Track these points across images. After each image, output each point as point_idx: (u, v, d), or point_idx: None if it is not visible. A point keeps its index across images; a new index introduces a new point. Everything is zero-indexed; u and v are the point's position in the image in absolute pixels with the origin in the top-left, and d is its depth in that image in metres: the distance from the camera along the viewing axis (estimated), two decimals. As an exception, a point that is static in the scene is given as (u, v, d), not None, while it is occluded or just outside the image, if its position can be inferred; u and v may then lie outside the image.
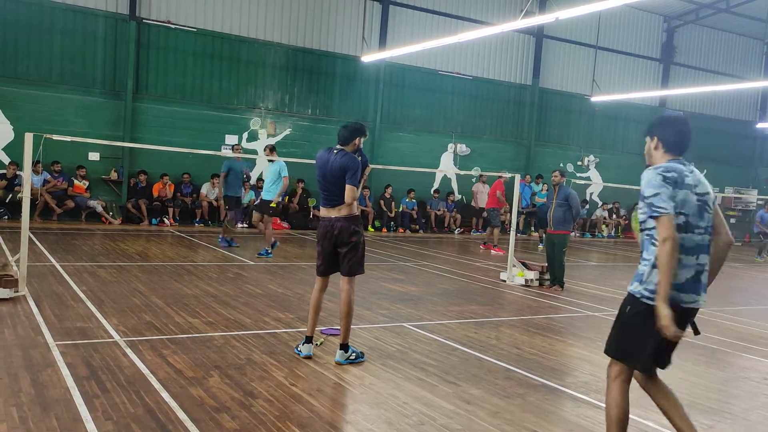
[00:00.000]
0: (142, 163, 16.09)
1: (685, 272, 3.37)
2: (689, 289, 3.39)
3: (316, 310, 5.52)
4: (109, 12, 15.60)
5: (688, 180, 3.41)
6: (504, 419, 4.38)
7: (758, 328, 8.26)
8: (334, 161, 5.41)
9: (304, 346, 5.45)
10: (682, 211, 3.37)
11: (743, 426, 4.63)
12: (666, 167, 3.43)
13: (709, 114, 26.09)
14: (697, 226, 3.40)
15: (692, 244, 3.39)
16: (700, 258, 3.42)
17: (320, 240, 5.50)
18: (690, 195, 3.40)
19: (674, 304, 3.30)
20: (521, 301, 9.06)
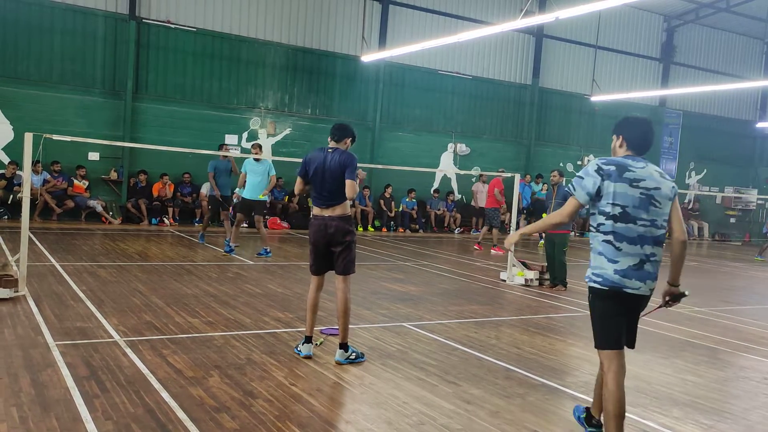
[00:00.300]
0: (142, 162, 16.09)
1: (627, 260, 3.62)
2: (632, 276, 3.62)
3: (313, 310, 5.53)
4: (109, 12, 15.60)
5: (629, 175, 3.63)
6: (504, 419, 4.38)
7: (758, 328, 8.25)
8: (332, 159, 5.43)
9: (304, 346, 5.45)
10: (621, 203, 3.62)
11: (743, 426, 4.63)
12: (607, 160, 3.70)
13: (708, 113, 26.10)
14: (639, 217, 3.63)
15: (634, 234, 3.63)
16: (645, 248, 3.64)
17: (313, 239, 5.50)
18: (629, 188, 3.62)
19: (618, 288, 3.62)
20: (521, 301, 9.06)
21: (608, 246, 3.65)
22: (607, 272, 3.64)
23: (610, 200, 3.63)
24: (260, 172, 11.31)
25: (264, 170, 11.36)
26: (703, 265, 16.07)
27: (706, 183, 26.39)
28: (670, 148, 25.35)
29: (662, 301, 3.97)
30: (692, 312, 9.01)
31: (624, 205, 3.62)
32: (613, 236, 3.64)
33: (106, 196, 15.69)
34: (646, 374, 5.73)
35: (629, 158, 3.73)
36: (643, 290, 3.66)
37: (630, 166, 3.66)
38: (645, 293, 3.68)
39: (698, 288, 11.91)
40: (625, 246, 3.62)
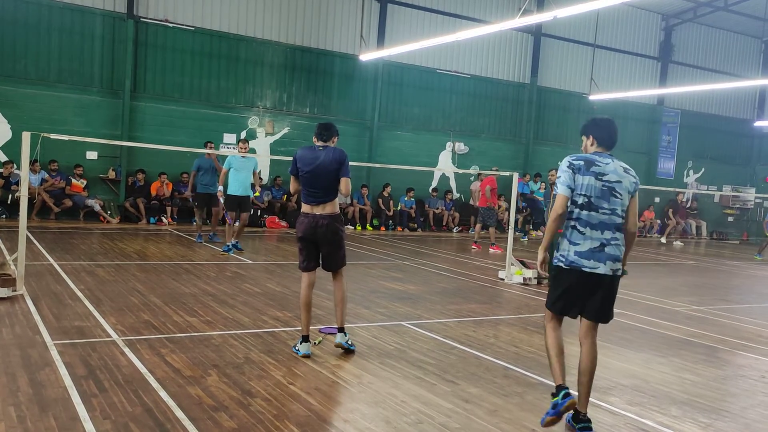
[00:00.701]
0: (140, 162, 16.07)
1: (588, 243, 4.14)
2: (591, 257, 4.13)
3: (308, 308, 5.53)
4: (107, 11, 15.58)
5: (595, 169, 4.15)
6: (502, 418, 4.38)
7: (757, 327, 8.26)
8: (326, 157, 5.51)
9: (302, 345, 5.45)
10: (584, 193, 4.13)
11: (741, 424, 4.63)
12: (577, 156, 4.23)
13: (706, 112, 26.12)
14: (601, 206, 4.14)
15: (596, 221, 4.15)
16: (606, 233, 4.15)
17: (303, 235, 5.54)
18: (594, 180, 4.13)
19: (576, 267, 4.15)
20: (520, 300, 9.06)
21: (573, 231, 4.18)
22: (568, 253, 4.18)
23: (579, 191, 4.14)
24: (247, 168, 11.31)
25: (251, 166, 11.38)
26: (702, 263, 16.09)
27: (704, 182, 26.42)
28: (668, 147, 25.37)
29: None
30: (690, 311, 9.03)
31: (589, 195, 4.13)
32: (578, 222, 4.16)
33: (104, 196, 15.68)
34: (644, 373, 5.73)
35: (597, 155, 4.23)
36: (603, 269, 4.13)
37: (597, 161, 4.17)
38: (605, 272, 4.14)
39: (696, 287, 11.92)
40: (588, 231, 4.14)
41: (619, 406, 4.79)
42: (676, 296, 10.22)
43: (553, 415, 4.11)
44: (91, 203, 15.13)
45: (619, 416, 4.62)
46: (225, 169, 11.31)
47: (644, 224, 23.61)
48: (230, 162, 11.27)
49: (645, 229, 23.58)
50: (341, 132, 6.14)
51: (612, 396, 5.02)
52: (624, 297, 9.62)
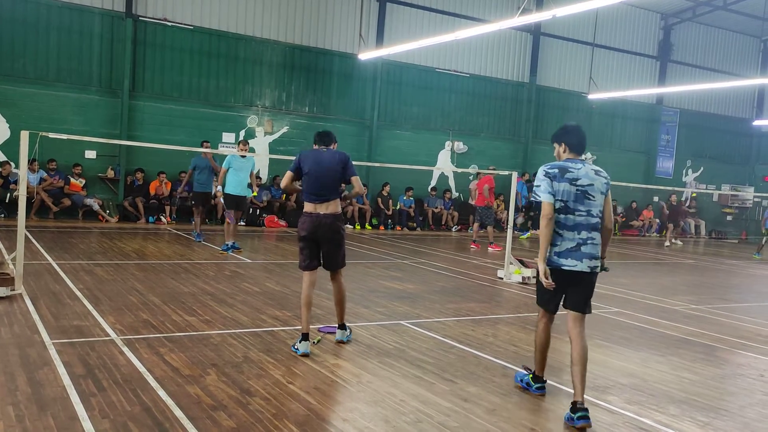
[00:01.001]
0: (139, 161, 16.06)
1: (566, 243, 4.47)
2: (569, 256, 4.46)
3: (309, 307, 5.57)
4: (105, 9, 15.56)
5: (569, 175, 4.47)
6: (501, 417, 4.39)
7: (755, 326, 8.27)
8: (331, 157, 5.62)
9: (301, 344, 5.45)
10: (561, 198, 4.45)
11: (740, 423, 4.64)
12: (552, 165, 4.55)
13: (705, 111, 26.14)
14: (576, 209, 4.46)
15: (573, 222, 4.47)
16: (581, 233, 4.46)
17: (305, 235, 5.63)
18: (568, 186, 4.45)
19: (556, 266, 4.47)
20: (518, 299, 9.07)
21: (553, 233, 4.48)
22: (550, 254, 4.50)
23: (556, 197, 4.46)
24: (246, 169, 11.36)
25: (249, 167, 11.42)
26: (700, 262, 16.10)
27: (703, 181, 26.44)
28: (667, 146, 25.39)
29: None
30: (689, 310, 9.03)
31: (565, 200, 4.45)
32: (556, 225, 4.47)
33: (103, 195, 15.66)
34: (642, 372, 5.74)
35: (569, 161, 4.58)
36: (580, 267, 4.47)
37: (570, 168, 4.50)
38: (583, 269, 4.47)
39: (695, 286, 11.93)
40: (565, 233, 4.46)
41: (618, 405, 4.80)
42: (675, 295, 10.23)
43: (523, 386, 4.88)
44: (90, 202, 15.11)
45: (618, 415, 4.62)
46: (224, 168, 11.32)
47: (643, 223, 23.63)
48: (230, 161, 11.29)
49: (644, 229, 23.60)
50: (340, 131, 6.25)
51: (611, 395, 5.02)
52: (623, 296, 9.63)
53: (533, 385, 4.86)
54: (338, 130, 18.56)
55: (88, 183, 15.47)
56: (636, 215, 23.59)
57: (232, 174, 11.26)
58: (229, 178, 11.29)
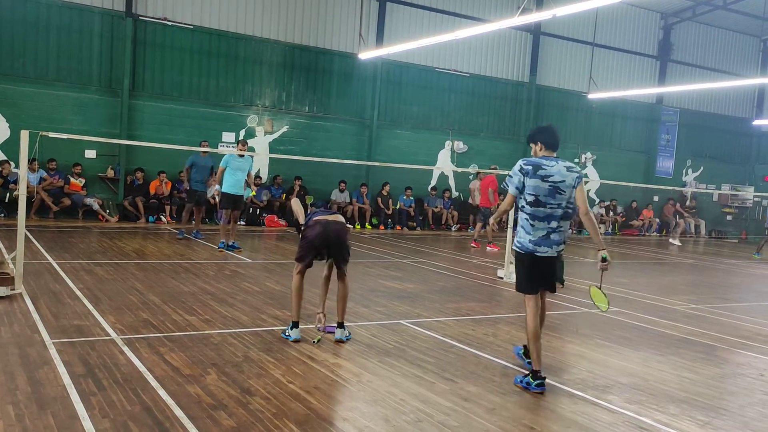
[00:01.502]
0: (139, 160, 16.05)
1: (538, 232, 5.00)
2: (542, 244, 5.02)
3: (301, 294, 5.86)
4: (105, 9, 15.55)
5: (542, 172, 4.92)
6: (501, 416, 4.39)
7: (755, 325, 8.28)
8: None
9: (293, 331, 5.73)
10: (533, 193, 4.93)
11: (739, 422, 4.64)
12: (527, 161, 5.00)
13: (705, 111, 26.13)
14: (548, 203, 4.95)
15: (543, 214, 4.97)
16: (551, 223, 5.00)
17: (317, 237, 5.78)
18: (540, 182, 4.91)
19: (531, 252, 5.03)
20: (518, 298, 9.02)
21: (527, 222, 5.02)
22: (524, 241, 5.05)
23: (528, 191, 4.94)
24: (244, 168, 11.37)
25: (247, 166, 11.45)
26: (700, 262, 16.10)
27: (703, 180, 26.43)
28: (667, 146, 25.39)
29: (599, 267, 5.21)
30: (689, 309, 9.04)
31: (536, 194, 4.94)
32: (530, 216, 4.99)
33: (102, 194, 15.66)
34: (642, 371, 5.74)
35: (544, 158, 5.02)
36: (550, 253, 5.06)
37: (543, 165, 4.95)
38: (552, 255, 5.07)
39: (695, 285, 11.93)
40: (537, 223, 4.99)
41: (618, 405, 4.80)
42: (675, 295, 10.23)
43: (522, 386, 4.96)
44: (90, 202, 15.11)
45: (618, 414, 4.62)
46: (221, 167, 11.34)
47: (643, 223, 23.63)
48: (227, 161, 11.32)
49: (644, 228, 23.60)
50: (340, 131, 6.33)
51: (611, 394, 5.02)
52: (623, 295, 9.63)
53: (533, 383, 4.93)
54: (338, 130, 18.89)
55: (88, 182, 15.47)
56: (636, 215, 23.59)
57: (229, 173, 11.28)
58: (227, 178, 11.32)
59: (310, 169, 17.55)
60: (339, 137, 18.51)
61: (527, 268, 5.10)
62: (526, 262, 5.09)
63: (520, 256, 5.13)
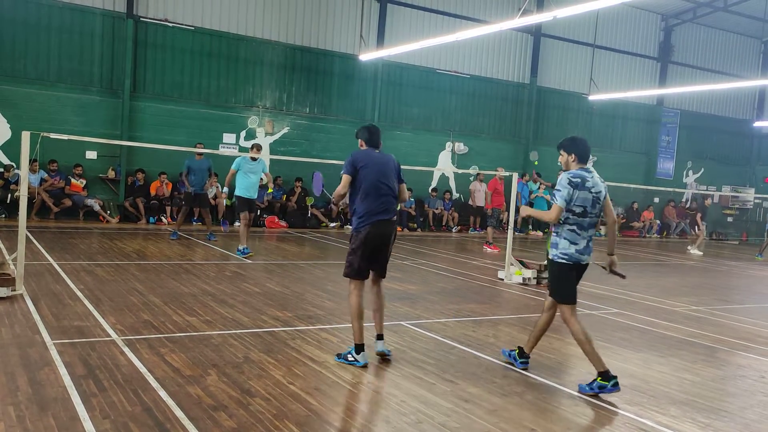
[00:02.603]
0: (140, 161, 16.06)
1: (583, 242, 5.18)
2: (585, 252, 5.21)
3: (363, 315, 5.40)
4: (106, 10, 15.57)
5: (588, 184, 5.13)
6: (501, 417, 4.39)
7: (756, 327, 8.27)
8: (389, 160, 5.61)
9: (361, 356, 5.25)
10: (582, 205, 5.12)
11: (740, 424, 4.64)
12: (574, 174, 5.16)
13: (706, 113, 26.13)
14: (590, 212, 5.17)
15: (587, 224, 5.20)
16: (590, 231, 5.22)
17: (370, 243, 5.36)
18: (587, 194, 5.13)
19: (577, 261, 5.19)
20: (519, 300, 9.06)
21: (572, 233, 5.16)
22: (571, 252, 5.16)
23: (577, 203, 5.11)
24: (257, 171, 11.35)
25: (260, 169, 11.42)
26: (701, 264, 16.09)
27: (704, 182, 26.42)
28: (668, 147, 25.38)
29: (608, 268, 5.41)
30: (690, 311, 9.03)
31: (584, 206, 5.14)
32: (577, 226, 5.15)
33: (103, 195, 15.67)
34: (643, 373, 5.74)
35: (584, 171, 5.20)
36: (588, 261, 5.28)
37: (587, 178, 5.15)
38: (589, 262, 5.30)
39: (696, 287, 11.92)
40: (582, 233, 5.18)
41: (619, 406, 4.80)
42: (676, 296, 10.23)
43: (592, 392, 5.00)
44: (91, 203, 15.11)
45: (619, 416, 4.62)
46: (233, 170, 11.23)
47: (644, 224, 23.61)
48: (239, 164, 11.16)
49: (644, 229, 23.58)
50: (340, 132, 6.22)
51: (611, 395, 5.02)
52: (623, 297, 9.63)
53: (607, 384, 4.95)
54: (339, 131, 18.87)
55: (89, 183, 15.48)
56: (637, 216, 23.58)
57: (242, 177, 11.18)
58: (240, 181, 11.18)
59: (311, 171, 17.48)
60: (339, 138, 18.50)
61: (571, 278, 5.22)
62: (570, 272, 5.20)
63: (566, 266, 5.18)
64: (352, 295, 5.43)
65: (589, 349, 5.05)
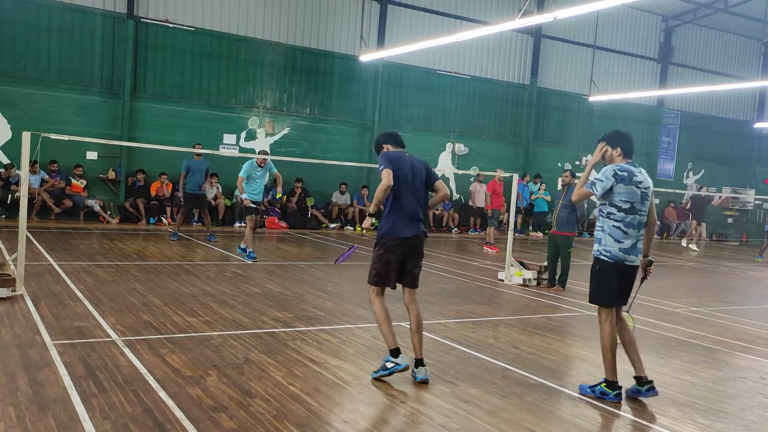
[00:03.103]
0: (140, 162, 16.07)
1: (630, 240, 4.88)
2: (631, 253, 4.91)
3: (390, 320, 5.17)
4: (107, 11, 15.58)
5: (636, 178, 4.88)
6: (501, 418, 4.39)
7: (756, 328, 8.27)
8: (419, 163, 5.13)
9: (400, 358, 4.96)
10: (629, 200, 4.84)
11: (740, 425, 4.64)
12: (621, 167, 4.90)
13: (706, 114, 26.13)
14: (640, 210, 4.89)
15: (637, 222, 4.89)
16: (640, 231, 4.93)
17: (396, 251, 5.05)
18: (635, 189, 4.86)
19: (621, 261, 4.87)
20: (519, 301, 9.06)
21: (617, 230, 4.86)
22: (613, 249, 4.86)
23: (623, 198, 4.83)
24: (263, 175, 11.34)
25: (265, 172, 11.39)
26: (701, 265, 16.08)
27: (704, 183, 26.42)
28: (668, 148, 25.38)
29: (644, 272, 5.17)
30: (690, 312, 9.03)
31: (632, 201, 4.85)
32: (623, 224, 4.85)
33: (104, 196, 15.67)
34: (643, 374, 5.73)
35: (630, 165, 4.95)
36: (636, 262, 4.97)
37: (634, 172, 4.89)
38: (637, 264, 5.00)
39: (696, 288, 11.92)
40: (630, 231, 4.87)
41: (619, 408, 4.79)
42: (675, 297, 10.22)
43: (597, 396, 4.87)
44: (91, 203, 15.12)
45: (619, 417, 4.62)
46: (242, 177, 11.13)
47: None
48: (248, 171, 11.07)
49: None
50: (341, 132, 6.12)
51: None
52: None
53: (610, 392, 4.86)
54: (339, 132, 18.88)
55: (89, 184, 15.48)
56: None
57: (250, 182, 11.15)
58: (248, 186, 11.16)
59: (311, 171, 17.57)
60: (340, 139, 18.51)
61: (611, 278, 4.90)
62: (612, 271, 4.89)
63: (606, 265, 4.89)
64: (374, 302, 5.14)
65: (609, 357, 4.88)
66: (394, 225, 5.05)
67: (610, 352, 4.89)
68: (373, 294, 5.15)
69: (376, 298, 5.12)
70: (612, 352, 4.89)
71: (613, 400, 4.84)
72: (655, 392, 4.88)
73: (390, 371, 4.87)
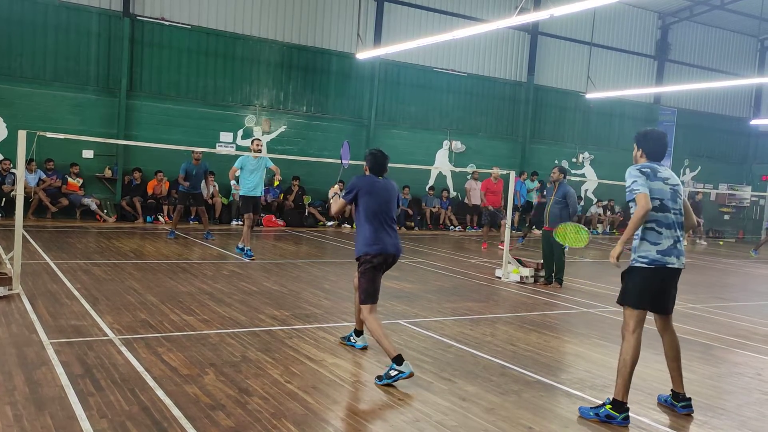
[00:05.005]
0: (137, 160, 16.03)
1: (666, 241, 4.48)
2: (671, 254, 4.49)
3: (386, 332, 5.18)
4: (103, 9, 15.53)
5: (660, 174, 4.54)
6: (499, 416, 4.39)
7: (752, 324, 8.29)
8: (393, 187, 5.63)
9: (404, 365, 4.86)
10: (658, 197, 4.48)
11: (737, 421, 4.65)
12: (642, 165, 4.58)
13: (703, 111, 26.17)
14: (672, 208, 4.53)
15: (669, 220, 4.51)
16: (676, 231, 4.54)
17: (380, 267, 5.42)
18: (663, 185, 4.51)
19: (662, 264, 4.47)
20: (516, 298, 9.07)
21: (651, 232, 4.48)
22: (650, 253, 4.46)
23: (653, 195, 4.45)
24: (260, 169, 11.11)
25: (263, 166, 11.19)
26: (698, 261, 16.12)
27: (701, 180, 26.48)
28: (665, 146, 25.37)
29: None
30: (686, 309, 9.05)
31: (661, 198, 4.49)
32: (656, 223, 4.48)
33: (100, 194, 15.64)
34: (640, 371, 5.71)
35: (653, 163, 4.60)
36: (678, 264, 4.53)
37: (658, 169, 4.56)
38: (681, 267, 4.56)
39: (692, 285, 11.95)
40: (664, 230, 4.48)
41: (616, 404, 4.80)
42: (673, 294, 10.22)
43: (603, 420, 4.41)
44: (88, 202, 15.09)
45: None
46: (235, 168, 11.03)
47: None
48: (243, 163, 10.89)
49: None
50: (338, 130, 6.15)
51: (609, 394, 5.01)
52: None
53: (617, 416, 4.38)
54: (336, 130, 18.87)
55: (86, 183, 15.45)
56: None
57: (245, 176, 10.90)
58: (244, 181, 10.97)
59: (308, 169, 17.55)
60: (337, 137, 18.47)
61: (649, 284, 4.49)
62: (649, 276, 4.46)
63: (644, 272, 4.46)
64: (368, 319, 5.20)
65: (627, 374, 4.41)
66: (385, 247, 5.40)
67: (630, 368, 4.41)
68: (367, 311, 5.21)
69: (369, 316, 5.17)
70: (632, 369, 4.41)
71: (621, 424, 4.34)
72: (690, 410, 4.67)
73: (395, 378, 4.85)
